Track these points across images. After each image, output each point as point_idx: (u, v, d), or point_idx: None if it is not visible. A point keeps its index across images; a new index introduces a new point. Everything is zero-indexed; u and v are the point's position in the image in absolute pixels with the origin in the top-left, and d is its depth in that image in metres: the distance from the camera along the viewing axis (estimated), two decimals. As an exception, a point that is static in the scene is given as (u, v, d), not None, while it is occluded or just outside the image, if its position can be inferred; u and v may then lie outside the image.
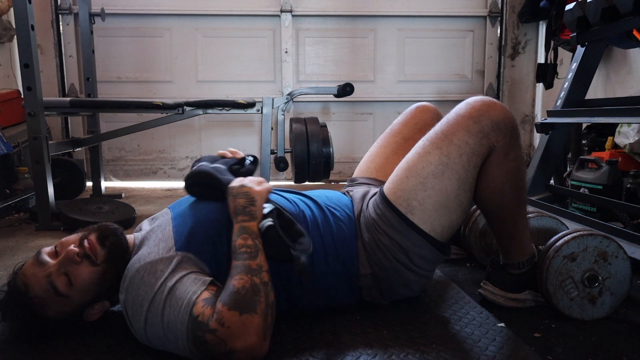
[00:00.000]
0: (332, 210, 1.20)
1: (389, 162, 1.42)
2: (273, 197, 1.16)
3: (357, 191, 1.30)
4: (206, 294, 0.93)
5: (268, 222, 1.01)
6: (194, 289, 0.94)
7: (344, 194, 1.33)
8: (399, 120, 1.50)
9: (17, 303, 1.02)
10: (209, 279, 0.97)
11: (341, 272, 1.15)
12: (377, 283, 1.17)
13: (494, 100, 1.11)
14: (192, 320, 0.90)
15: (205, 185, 1.12)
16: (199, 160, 1.21)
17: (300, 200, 1.21)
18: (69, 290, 1.02)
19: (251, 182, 1.08)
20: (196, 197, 1.15)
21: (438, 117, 1.43)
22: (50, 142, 2.25)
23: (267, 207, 1.05)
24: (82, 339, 1.08)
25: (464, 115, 1.09)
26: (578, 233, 1.18)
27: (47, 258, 1.04)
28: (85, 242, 1.05)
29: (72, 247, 1.04)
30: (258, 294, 0.92)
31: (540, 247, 1.27)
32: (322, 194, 1.27)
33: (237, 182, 1.08)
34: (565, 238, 1.18)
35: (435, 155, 1.09)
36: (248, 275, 0.93)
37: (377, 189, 1.25)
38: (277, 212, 1.05)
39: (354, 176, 1.49)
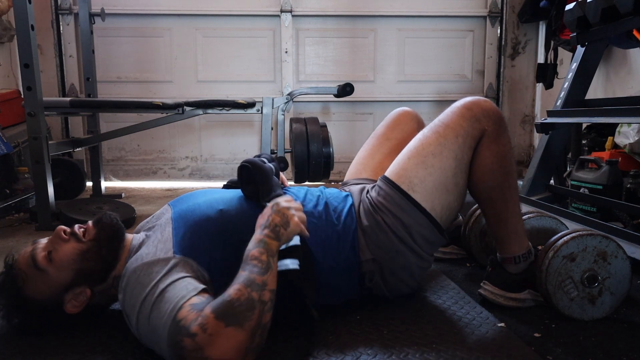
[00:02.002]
0: (331, 201, 1.23)
1: (376, 163, 1.48)
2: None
3: (354, 187, 1.33)
4: (195, 300, 0.90)
5: (294, 264, 0.99)
6: (183, 293, 0.91)
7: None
8: (382, 125, 1.57)
9: (4, 278, 1.06)
10: (202, 286, 0.95)
11: (342, 261, 1.16)
12: (379, 267, 1.18)
13: (485, 98, 1.23)
14: (175, 323, 0.87)
15: (253, 176, 1.15)
16: (258, 156, 1.26)
17: (302, 194, 1.24)
18: (47, 265, 1.04)
19: (296, 209, 1.04)
20: (239, 178, 1.19)
21: (418, 120, 1.55)
22: (50, 142, 2.25)
23: (295, 240, 1.03)
24: (82, 340, 1.08)
25: (458, 106, 1.21)
26: (577, 233, 1.19)
27: (42, 239, 1.10)
28: (77, 226, 1.09)
29: (62, 226, 1.09)
30: (252, 310, 0.86)
31: (539, 247, 1.27)
32: (320, 190, 1.29)
33: (284, 201, 1.05)
34: (565, 238, 1.18)
35: (434, 137, 1.19)
36: (248, 288, 0.88)
37: (373, 184, 1.28)
38: (304, 253, 1.04)
39: (345, 180, 1.51)
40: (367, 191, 1.26)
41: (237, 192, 1.20)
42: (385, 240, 1.17)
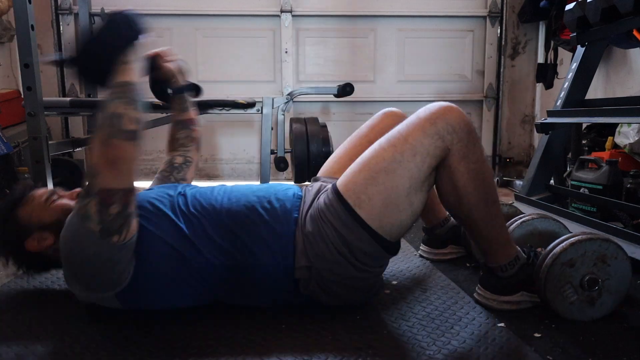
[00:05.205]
0: (272, 202, 1.19)
1: (348, 162, 1.41)
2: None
3: (315, 185, 1.30)
4: None
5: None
6: None
7: (301, 188, 1.31)
8: (366, 125, 1.52)
9: (14, 193, 1.25)
10: None
11: (276, 263, 1.13)
12: (317, 275, 1.14)
13: (452, 105, 1.14)
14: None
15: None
16: None
17: (224, 193, 1.23)
18: (43, 203, 1.22)
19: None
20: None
21: (401, 121, 1.45)
22: (50, 142, 2.25)
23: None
24: (72, 343, 1.08)
25: (422, 117, 1.12)
26: (576, 239, 1.17)
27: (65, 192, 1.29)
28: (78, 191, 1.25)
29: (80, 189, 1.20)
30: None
31: (539, 249, 1.27)
32: (269, 187, 1.27)
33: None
34: (563, 245, 1.17)
35: (389, 152, 1.11)
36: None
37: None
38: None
39: (317, 175, 1.49)
40: (319, 196, 1.21)
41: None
42: (325, 250, 1.12)
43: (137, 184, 1.09)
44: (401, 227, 1.14)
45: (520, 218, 1.44)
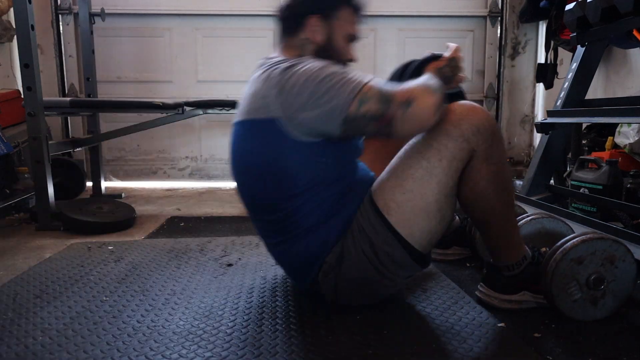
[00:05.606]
0: (359, 181, 1.21)
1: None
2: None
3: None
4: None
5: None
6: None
7: None
8: None
9: None
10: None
11: (322, 236, 1.14)
12: (339, 267, 1.14)
13: (475, 105, 1.12)
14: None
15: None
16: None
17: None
18: None
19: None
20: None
21: None
22: (50, 142, 2.25)
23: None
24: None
25: (445, 120, 1.09)
26: (588, 236, 1.18)
27: None
28: None
29: None
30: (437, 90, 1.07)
31: (543, 249, 1.27)
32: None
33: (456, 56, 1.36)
34: (574, 241, 1.17)
35: (415, 158, 1.10)
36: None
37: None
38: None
39: None
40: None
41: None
42: (351, 247, 1.13)
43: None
44: (431, 234, 1.12)
45: (530, 216, 1.45)
